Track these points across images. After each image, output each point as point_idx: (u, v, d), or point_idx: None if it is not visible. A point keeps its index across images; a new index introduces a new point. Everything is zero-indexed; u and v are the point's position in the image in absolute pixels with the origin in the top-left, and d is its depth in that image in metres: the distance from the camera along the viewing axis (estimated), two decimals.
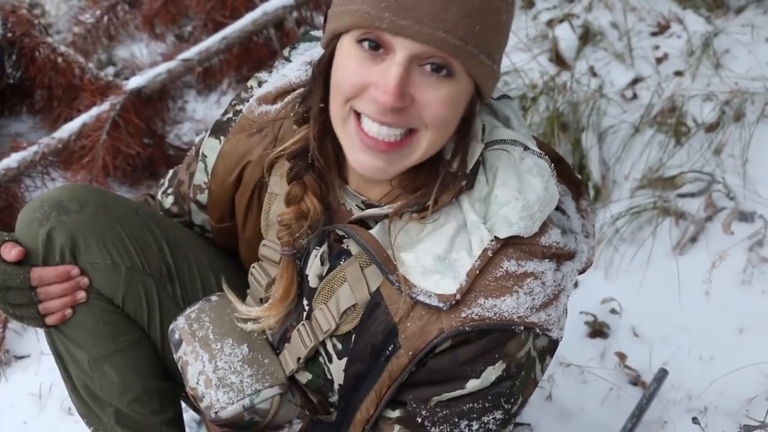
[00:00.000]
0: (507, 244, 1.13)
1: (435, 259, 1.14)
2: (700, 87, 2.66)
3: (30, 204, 1.36)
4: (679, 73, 2.78)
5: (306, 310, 1.32)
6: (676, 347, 2.15)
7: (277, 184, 1.33)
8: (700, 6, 3.02)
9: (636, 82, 2.81)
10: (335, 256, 1.27)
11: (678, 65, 2.81)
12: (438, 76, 1.04)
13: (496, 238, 1.13)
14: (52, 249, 1.34)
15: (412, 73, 1.04)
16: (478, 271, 1.12)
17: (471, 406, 1.18)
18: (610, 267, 2.37)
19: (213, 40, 2.85)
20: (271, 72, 1.39)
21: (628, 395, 2.05)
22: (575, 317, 2.23)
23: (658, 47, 2.91)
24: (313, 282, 1.29)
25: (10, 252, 1.30)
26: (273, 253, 1.35)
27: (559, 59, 2.92)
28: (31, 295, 1.33)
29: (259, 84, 1.38)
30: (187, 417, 1.67)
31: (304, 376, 1.36)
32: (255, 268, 1.41)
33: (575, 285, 1.18)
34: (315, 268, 1.29)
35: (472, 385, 1.16)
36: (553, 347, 1.21)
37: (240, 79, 3.12)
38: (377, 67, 1.04)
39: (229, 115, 1.38)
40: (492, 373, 1.15)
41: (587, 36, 2.97)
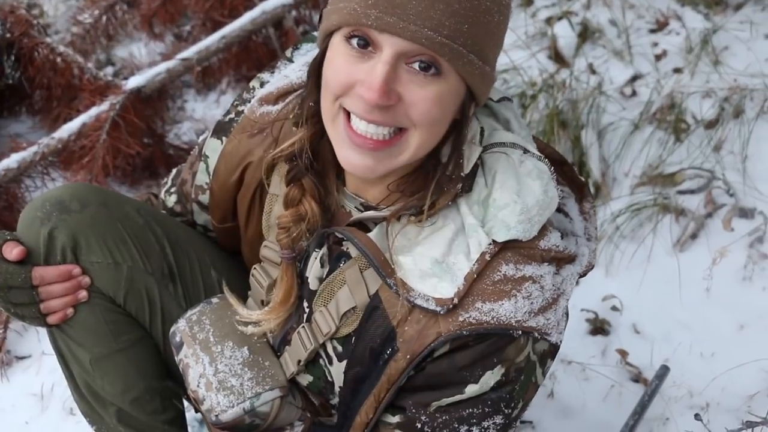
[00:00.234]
0: (505, 248, 1.13)
1: (433, 262, 1.14)
2: (699, 84, 2.67)
3: (31, 203, 1.36)
4: (678, 70, 2.78)
5: (306, 313, 1.31)
6: (677, 344, 2.15)
7: (278, 186, 1.32)
8: (699, 3, 3.02)
9: (635, 79, 2.81)
10: (335, 259, 1.27)
11: (677, 62, 2.81)
12: (425, 75, 1.04)
13: (494, 241, 1.12)
14: (53, 248, 1.33)
15: (400, 71, 1.03)
16: (475, 275, 1.12)
17: (471, 411, 1.17)
18: (610, 264, 2.37)
19: (212, 40, 2.85)
20: (273, 72, 1.39)
21: (630, 392, 2.05)
22: (576, 314, 2.23)
23: (656, 44, 2.91)
24: (313, 284, 1.29)
25: (12, 251, 1.30)
26: (274, 254, 1.35)
27: (558, 57, 2.92)
28: (33, 294, 1.33)
29: (261, 84, 1.38)
30: (189, 416, 1.67)
31: (305, 379, 1.35)
32: (256, 270, 1.41)
33: (576, 283, 1.18)
34: (315, 270, 1.28)
35: (471, 390, 1.16)
36: (554, 350, 1.20)
37: (239, 78, 3.12)
38: (365, 64, 1.04)
39: (231, 115, 1.37)
40: (491, 377, 1.15)
41: (586, 33, 2.97)
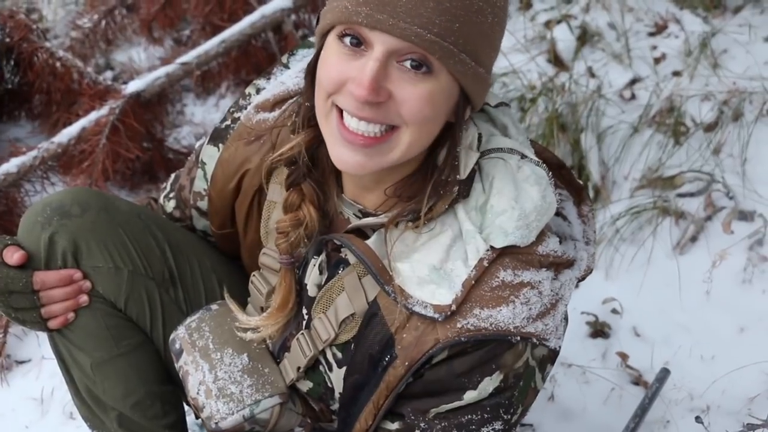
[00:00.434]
0: (503, 254, 1.13)
1: (430, 269, 1.14)
2: (698, 87, 2.67)
3: (32, 208, 1.36)
4: (677, 73, 2.78)
5: (305, 319, 1.31)
6: (678, 347, 2.15)
7: (276, 193, 1.32)
8: (698, 6, 3.02)
9: (634, 82, 2.81)
10: (333, 266, 1.27)
11: (676, 65, 2.82)
12: (416, 73, 1.04)
13: (492, 247, 1.12)
14: (54, 253, 1.33)
15: (391, 69, 1.04)
16: (473, 282, 1.12)
17: (470, 417, 1.17)
18: (610, 267, 2.37)
19: (211, 44, 2.85)
20: (269, 79, 1.39)
21: (630, 395, 2.05)
22: (576, 317, 2.23)
23: (655, 47, 2.92)
24: (312, 291, 1.29)
25: (13, 256, 1.30)
26: (273, 261, 1.35)
27: (557, 60, 2.92)
28: (34, 299, 1.33)
29: (257, 91, 1.38)
30: (190, 420, 1.66)
31: (305, 385, 1.35)
32: (255, 277, 1.40)
33: (575, 286, 1.18)
34: (314, 277, 1.28)
35: (470, 396, 1.16)
36: (554, 355, 1.20)
37: (238, 82, 3.12)
38: (357, 62, 1.05)
39: (227, 122, 1.37)
40: (489, 384, 1.15)
41: (585, 37, 2.97)
